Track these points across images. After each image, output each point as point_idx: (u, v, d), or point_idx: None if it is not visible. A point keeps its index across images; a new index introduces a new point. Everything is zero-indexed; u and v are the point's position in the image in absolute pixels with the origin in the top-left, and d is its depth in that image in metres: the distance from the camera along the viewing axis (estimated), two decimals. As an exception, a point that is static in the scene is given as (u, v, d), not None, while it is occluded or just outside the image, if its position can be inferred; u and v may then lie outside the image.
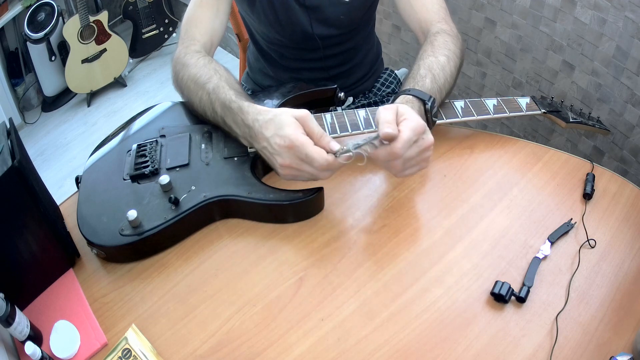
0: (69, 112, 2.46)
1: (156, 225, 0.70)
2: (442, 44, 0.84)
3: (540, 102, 0.87)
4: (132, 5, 2.38)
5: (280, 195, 0.73)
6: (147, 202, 0.73)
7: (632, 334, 0.61)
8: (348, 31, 1.02)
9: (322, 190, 0.74)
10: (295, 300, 0.66)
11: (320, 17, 0.96)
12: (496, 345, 0.60)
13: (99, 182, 0.78)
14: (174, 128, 0.85)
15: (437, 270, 0.68)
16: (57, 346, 0.63)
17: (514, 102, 0.86)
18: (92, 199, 0.76)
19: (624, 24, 1.12)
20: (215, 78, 0.81)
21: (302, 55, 1.05)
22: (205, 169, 0.77)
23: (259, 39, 1.08)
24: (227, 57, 2.60)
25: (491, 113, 0.83)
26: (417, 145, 0.67)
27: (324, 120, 0.81)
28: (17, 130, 0.68)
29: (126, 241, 0.69)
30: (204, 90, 0.80)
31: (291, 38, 1.00)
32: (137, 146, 0.81)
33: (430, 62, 0.81)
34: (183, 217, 0.71)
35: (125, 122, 0.90)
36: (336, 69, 1.08)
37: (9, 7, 2.15)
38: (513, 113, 0.84)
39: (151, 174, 0.76)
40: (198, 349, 0.62)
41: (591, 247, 0.70)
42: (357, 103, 1.15)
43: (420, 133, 0.67)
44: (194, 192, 0.74)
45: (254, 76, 1.19)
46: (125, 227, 0.70)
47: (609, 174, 0.79)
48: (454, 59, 0.83)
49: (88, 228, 0.71)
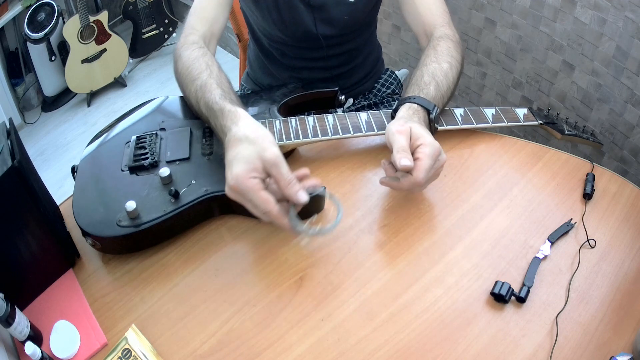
0: (69, 112, 2.46)
1: (155, 217, 0.70)
2: (446, 50, 0.85)
3: (537, 114, 0.88)
4: (132, 5, 2.38)
5: None
6: (146, 194, 0.72)
7: (632, 334, 0.61)
8: (351, 32, 1.02)
9: (325, 189, 0.73)
10: (295, 300, 0.66)
11: (325, 17, 0.96)
12: (496, 345, 0.60)
13: (96, 172, 0.78)
14: (174, 122, 0.85)
15: (437, 270, 0.68)
16: (57, 346, 0.63)
17: (512, 113, 0.87)
18: (89, 189, 0.75)
19: (624, 24, 1.12)
20: (205, 74, 0.79)
21: (304, 54, 1.05)
22: (206, 164, 0.77)
23: (261, 37, 1.08)
24: (227, 57, 2.60)
25: (490, 122, 0.84)
26: (434, 167, 0.69)
27: (326, 121, 0.81)
28: (17, 130, 0.68)
29: (123, 232, 0.69)
30: (194, 86, 0.79)
31: (294, 37, 1.00)
32: (137, 138, 0.81)
33: (434, 68, 0.82)
34: (182, 210, 0.71)
35: (123, 114, 0.89)
36: (338, 69, 1.08)
37: (9, 7, 2.14)
38: (511, 123, 0.85)
39: (150, 166, 0.76)
40: (198, 349, 0.62)
41: (591, 247, 0.70)
42: (357, 104, 1.15)
43: (437, 156, 0.69)
44: (195, 186, 0.73)
45: (254, 75, 1.19)
46: (123, 218, 0.69)
47: (609, 174, 0.79)
48: (456, 66, 0.84)
49: (84, 218, 0.70)
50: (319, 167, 0.83)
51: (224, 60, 2.56)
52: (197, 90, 0.78)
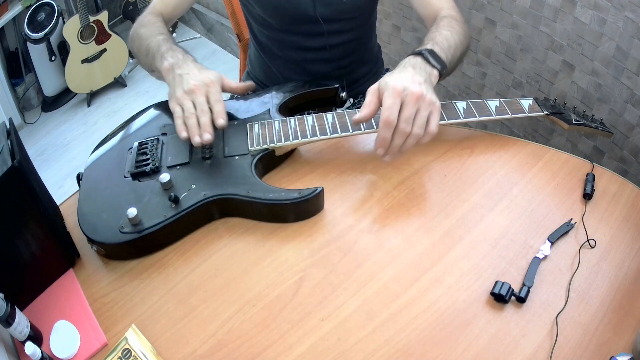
0: (69, 112, 2.46)
1: (156, 223, 0.70)
2: (447, 23, 0.87)
3: (542, 104, 0.87)
4: (132, 5, 2.38)
5: (279, 194, 0.73)
6: (147, 200, 0.73)
7: (632, 334, 0.61)
8: (351, 18, 1.01)
9: (322, 190, 0.74)
10: (295, 300, 0.66)
11: (324, 0, 0.96)
12: (496, 345, 0.60)
13: (100, 179, 0.78)
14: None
15: (437, 270, 0.68)
16: (57, 346, 0.63)
17: (517, 104, 0.85)
18: (93, 196, 0.76)
19: (624, 24, 1.12)
20: (164, 35, 0.89)
21: (304, 42, 1.03)
22: (205, 168, 0.77)
23: (260, 30, 1.07)
24: (227, 57, 2.60)
25: (493, 114, 0.83)
26: (406, 103, 0.70)
27: (324, 120, 0.81)
28: (17, 130, 0.68)
29: (126, 239, 0.69)
30: (154, 39, 0.87)
31: (293, 21, 0.99)
32: (139, 144, 0.81)
33: (433, 35, 0.84)
34: (182, 215, 0.71)
35: (127, 120, 0.90)
36: (339, 62, 1.07)
37: (9, 7, 2.14)
38: (515, 114, 0.84)
39: (152, 171, 0.77)
40: (198, 349, 0.62)
41: (591, 247, 0.70)
42: (357, 105, 1.15)
43: (401, 92, 0.71)
44: (194, 190, 0.74)
45: (255, 73, 1.18)
46: (125, 225, 0.70)
47: (609, 174, 0.79)
48: (457, 34, 0.85)
49: (88, 225, 0.71)
50: (319, 167, 0.83)
51: (224, 60, 2.57)
52: (157, 41, 0.87)
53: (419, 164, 0.82)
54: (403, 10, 1.65)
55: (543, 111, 0.85)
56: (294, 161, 0.84)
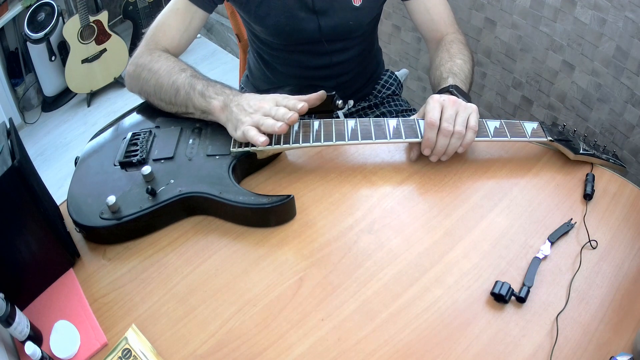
0: (69, 112, 2.46)
1: (132, 212, 0.72)
2: (458, 50, 0.93)
3: (548, 129, 0.81)
4: (132, 5, 2.38)
5: (249, 198, 0.72)
6: (129, 190, 0.74)
7: (632, 334, 0.61)
8: (356, 37, 1.01)
9: (293, 198, 0.73)
10: (295, 300, 0.66)
11: (330, 24, 0.95)
12: (496, 345, 0.60)
13: (93, 165, 0.81)
14: (170, 120, 0.86)
15: (437, 270, 0.68)
16: (57, 346, 0.63)
17: (519, 127, 0.81)
18: (84, 180, 0.78)
19: (624, 24, 1.12)
20: (189, 70, 0.85)
21: (307, 61, 1.03)
22: (186, 164, 0.78)
23: (263, 48, 1.06)
24: (227, 57, 2.59)
25: (490, 136, 0.79)
26: (445, 106, 0.76)
27: (310, 127, 0.80)
28: (17, 130, 0.68)
29: (104, 224, 0.72)
30: (183, 74, 0.83)
31: (298, 44, 0.99)
32: (132, 134, 0.83)
33: (450, 66, 0.89)
34: (157, 208, 0.73)
35: (129, 110, 0.92)
36: (341, 78, 1.07)
37: (9, 7, 2.14)
38: (515, 138, 0.79)
39: (138, 162, 0.78)
40: (198, 349, 0.62)
41: (593, 248, 0.70)
42: (358, 106, 1.15)
43: (439, 99, 0.77)
44: (172, 185, 0.75)
45: (254, 82, 1.17)
46: (105, 211, 0.72)
47: (609, 174, 0.79)
48: (469, 62, 0.92)
49: (74, 207, 0.74)
50: (319, 167, 0.83)
51: (224, 61, 2.56)
52: (186, 78, 0.83)
53: (419, 164, 0.82)
54: (403, 10, 1.65)
55: (547, 137, 0.80)
56: (295, 160, 0.84)
